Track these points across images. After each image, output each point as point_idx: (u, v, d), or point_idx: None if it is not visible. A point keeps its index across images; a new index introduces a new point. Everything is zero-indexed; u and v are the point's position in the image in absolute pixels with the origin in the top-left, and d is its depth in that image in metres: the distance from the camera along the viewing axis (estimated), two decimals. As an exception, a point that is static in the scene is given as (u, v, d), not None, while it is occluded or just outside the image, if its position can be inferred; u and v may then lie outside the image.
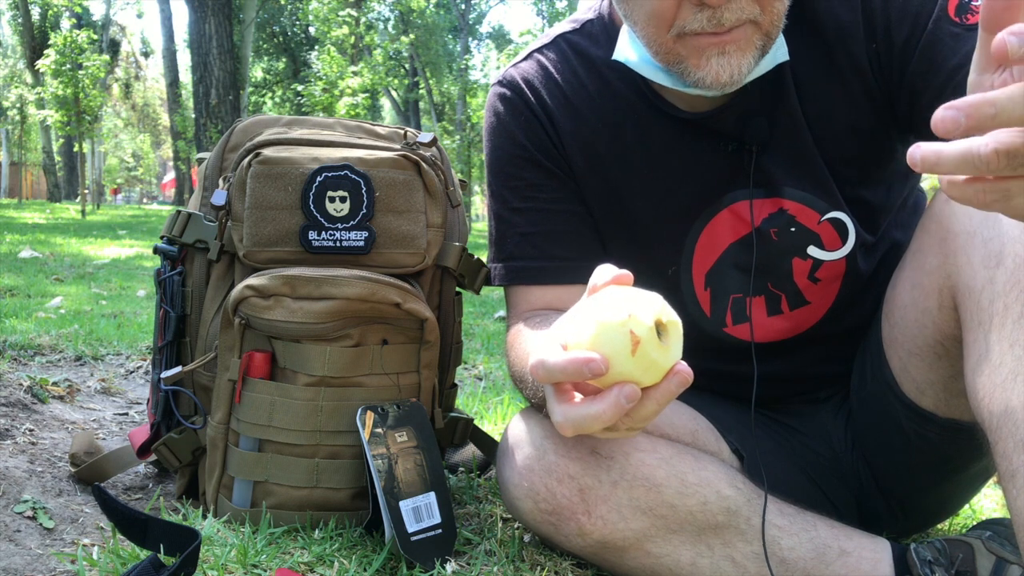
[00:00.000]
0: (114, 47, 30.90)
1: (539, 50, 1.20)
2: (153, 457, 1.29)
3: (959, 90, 0.98)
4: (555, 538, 1.06)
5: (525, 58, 1.21)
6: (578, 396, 0.80)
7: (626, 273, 0.79)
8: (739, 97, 1.08)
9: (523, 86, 1.18)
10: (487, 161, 1.22)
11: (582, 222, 1.18)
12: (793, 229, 1.12)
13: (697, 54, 0.96)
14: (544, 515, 1.04)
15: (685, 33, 0.95)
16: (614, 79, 1.13)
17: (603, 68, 1.14)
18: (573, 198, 1.17)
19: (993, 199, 0.54)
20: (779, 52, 1.03)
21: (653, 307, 0.74)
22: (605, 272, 0.80)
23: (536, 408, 1.08)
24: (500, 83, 1.21)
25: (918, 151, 0.54)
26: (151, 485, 1.37)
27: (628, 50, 1.08)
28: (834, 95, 1.07)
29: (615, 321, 0.73)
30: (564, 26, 1.21)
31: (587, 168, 1.16)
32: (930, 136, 0.96)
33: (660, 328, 0.74)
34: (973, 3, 0.99)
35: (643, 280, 1.21)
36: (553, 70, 1.17)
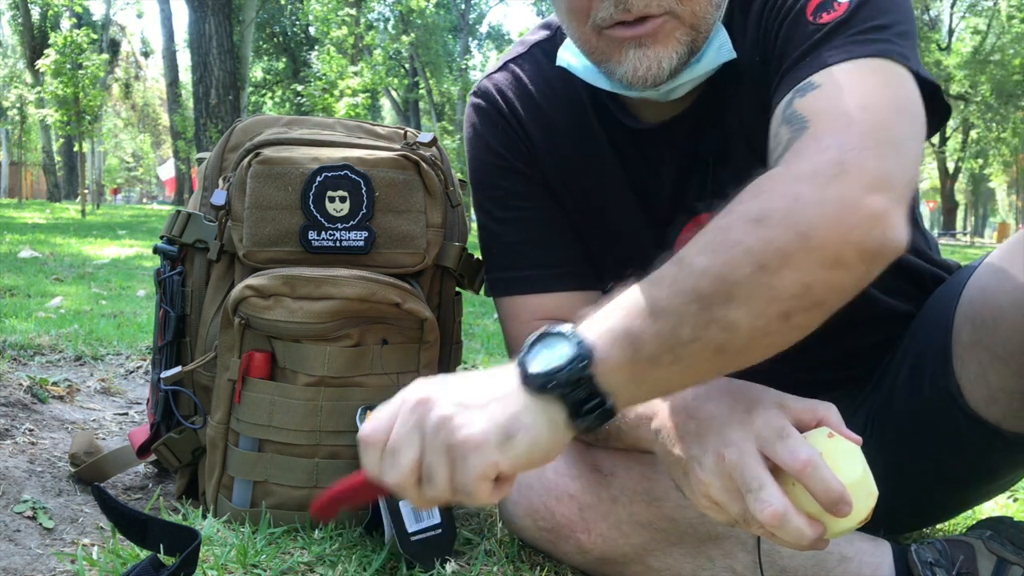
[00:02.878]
0: (114, 47, 30.90)
1: (514, 60, 1.19)
2: (153, 457, 1.29)
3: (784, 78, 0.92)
4: (554, 554, 1.06)
5: (499, 68, 1.20)
6: None
7: (857, 439, 0.77)
8: (691, 107, 1.05)
9: (496, 96, 1.17)
10: (469, 173, 1.21)
11: (567, 228, 1.16)
12: None
13: (616, 49, 0.95)
14: (543, 532, 1.04)
15: (601, 26, 0.94)
16: (582, 87, 1.11)
17: (574, 77, 1.13)
18: (554, 205, 1.16)
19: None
20: (723, 50, 0.99)
21: None
22: (840, 423, 0.77)
23: None
24: (475, 94, 1.20)
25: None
26: (151, 485, 1.37)
27: (570, 55, 1.07)
28: (768, 92, 1.00)
29: (872, 489, 0.74)
30: (538, 34, 1.19)
31: (561, 177, 1.15)
32: None
33: None
34: (835, 2, 0.92)
35: (624, 285, 1.19)
36: (527, 80, 1.16)
